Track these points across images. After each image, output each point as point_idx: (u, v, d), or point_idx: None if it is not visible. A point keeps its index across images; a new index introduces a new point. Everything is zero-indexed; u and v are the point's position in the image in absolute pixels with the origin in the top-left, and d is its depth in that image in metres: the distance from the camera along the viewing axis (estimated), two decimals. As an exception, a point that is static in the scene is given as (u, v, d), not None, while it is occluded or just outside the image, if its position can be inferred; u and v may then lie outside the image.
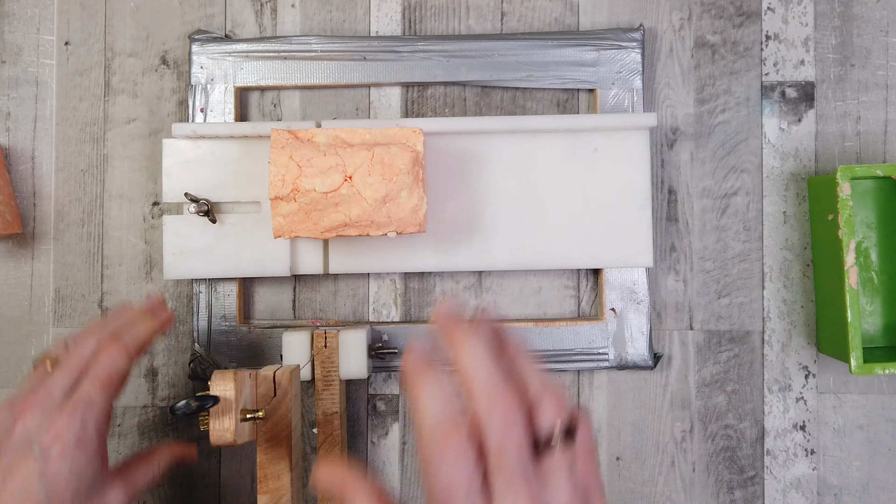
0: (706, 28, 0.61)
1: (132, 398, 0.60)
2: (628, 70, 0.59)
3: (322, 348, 0.54)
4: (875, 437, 0.60)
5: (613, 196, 0.58)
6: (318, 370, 0.54)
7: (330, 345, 0.54)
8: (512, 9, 0.61)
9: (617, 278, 0.59)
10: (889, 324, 0.59)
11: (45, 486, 0.41)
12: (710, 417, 0.60)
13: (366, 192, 0.51)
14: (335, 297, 0.61)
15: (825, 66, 0.61)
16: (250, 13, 0.61)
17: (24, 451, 0.42)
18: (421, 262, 0.58)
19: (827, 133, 0.61)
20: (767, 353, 0.60)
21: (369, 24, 0.61)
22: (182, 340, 0.61)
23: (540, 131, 0.58)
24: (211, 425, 0.44)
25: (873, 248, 0.59)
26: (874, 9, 0.61)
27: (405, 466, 0.60)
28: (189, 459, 0.53)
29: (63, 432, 0.42)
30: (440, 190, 0.58)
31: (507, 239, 0.58)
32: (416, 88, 0.61)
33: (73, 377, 0.45)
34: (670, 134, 0.61)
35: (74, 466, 0.42)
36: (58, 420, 0.42)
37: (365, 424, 0.61)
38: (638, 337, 0.59)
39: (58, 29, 0.61)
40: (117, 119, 0.61)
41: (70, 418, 0.43)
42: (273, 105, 0.61)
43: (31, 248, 0.61)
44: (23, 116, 0.61)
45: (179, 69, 0.61)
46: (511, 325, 0.59)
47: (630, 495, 0.60)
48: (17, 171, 0.61)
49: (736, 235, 0.61)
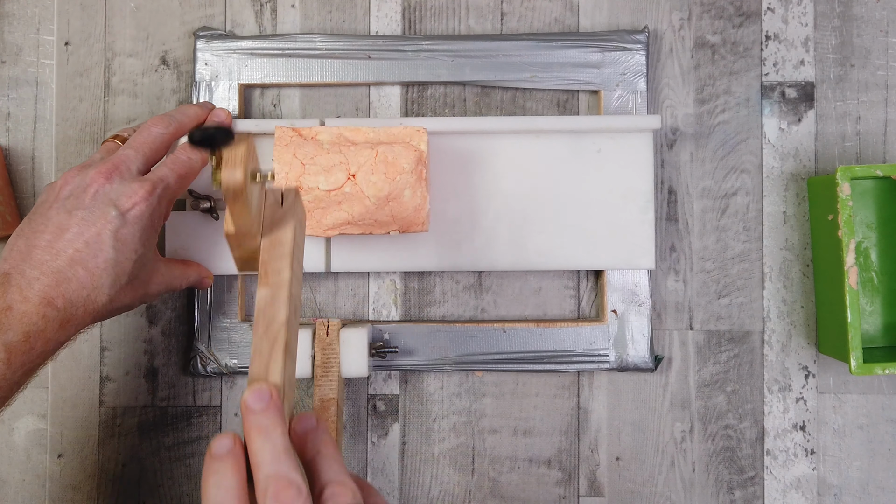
0: (706, 28, 0.61)
1: (132, 398, 0.60)
2: (632, 72, 0.59)
3: (323, 336, 0.54)
4: (875, 437, 0.60)
5: (616, 198, 0.58)
6: (318, 357, 0.54)
7: (331, 334, 0.55)
8: (512, 9, 0.61)
9: (618, 280, 0.59)
10: (889, 324, 0.59)
11: (117, 245, 0.45)
12: (710, 418, 0.60)
13: (369, 190, 0.51)
14: (335, 296, 0.61)
15: (825, 66, 0.61)
16: (250, 13, 0.61)
17: (102, 210, 0.45)
18: (422, 262, 0.58)
19: (827, 133, 0.61)
20: (767, 354, 0.60)
21: (369, 25, 0.61)
22: (182, 340, 0.60)
23: (543, 132, 0.58)
24: (224, 163, 0.41)
25: (873, 249, 0.59)
26: (874, 9, 0.61)
27: (405, 467, 0.60)
28: (206, 283, 0.56)
29: (140, 202, 0.46)
30: (442, 189, 0.58)
31: (509, 239, 0.58)
32: (417, 88, 0.61)
33: (144, 157, 0.48)
34: (670, 134, 0.61)
35: (143, 236, 0.46)
36: (138, 190, 0.46)
37: (365, 424, 0.61)
38: (639, 339, 0.59)
39: (58, 29, 0.61)
40: (117, 119, 0.61)
41: (149, 192, 0.46)
42: (273, 105, 0.61)
43: (30, 248, 0.61)
44: (23, 117, 0.61)
45: (179, 69, 0.61)
46: (511, 325, 0.59)
47: (630, 495, 0.60)
48: (17, 171, 0.61)
49: (736, 235, 0.61)
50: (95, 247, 0.44)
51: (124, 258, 0.45)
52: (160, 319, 0.61)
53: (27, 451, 0.60)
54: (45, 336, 0.43)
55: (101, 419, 0.60)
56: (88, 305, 0.45)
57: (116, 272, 0.45)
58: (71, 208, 0.45)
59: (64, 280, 0.43)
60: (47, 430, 0.60)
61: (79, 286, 0.44)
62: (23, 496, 0.60)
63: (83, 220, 0.45)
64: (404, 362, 0.59)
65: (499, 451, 0.61)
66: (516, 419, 0.61)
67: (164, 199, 0.48)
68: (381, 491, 0.60)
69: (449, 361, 0.59)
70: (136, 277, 0.47)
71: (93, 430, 0.60)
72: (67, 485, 0.60)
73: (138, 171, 0.48)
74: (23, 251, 0.44)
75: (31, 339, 0.42)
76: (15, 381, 0.42)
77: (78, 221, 0.45)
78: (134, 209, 0.46)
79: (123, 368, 0.60)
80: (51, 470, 0.60)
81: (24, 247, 0.44)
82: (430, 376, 0.61)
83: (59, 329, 0.44)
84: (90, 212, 0.45)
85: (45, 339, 0.43)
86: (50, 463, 0.60)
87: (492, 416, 0.61)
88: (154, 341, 0.60)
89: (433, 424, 0.61)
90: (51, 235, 0.44)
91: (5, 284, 0.43)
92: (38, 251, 0.44)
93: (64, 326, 0.44)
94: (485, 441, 0.61)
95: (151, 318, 0.61)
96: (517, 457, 0.61)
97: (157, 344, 0.61)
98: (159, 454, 0.60)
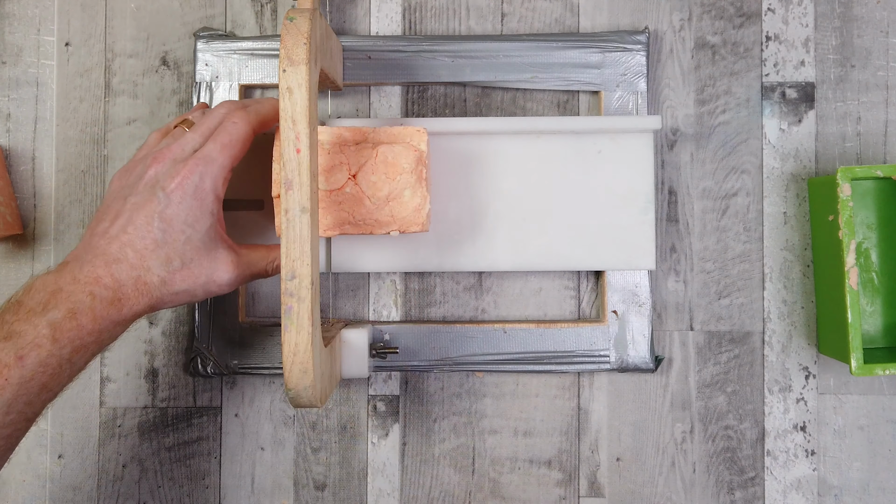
0: (706, 29, 0.61)
1: (132, 399, 0.60)
2: (633, 72, 0.59)
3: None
4: (875, 437, 0.60)
5: (616, 198, 0.58)
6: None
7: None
8: (512, 10, 0.61)
9: (619, 280, 0.59)
10: (889, 324, 0.59)
11: (162, 226, 0.46)
12: (711, 418, 0.60)
13: (369, 190, 0.51)
14: (335, 296, 0.61)
15: (825, 66, 0.61)
16: (251, 14, 0.61)
17: (150, 193, 0.46)
18: (423, 262, 0.58)
19: (827, 134, 0.61)
20: (768, 354, 0.60)
21: (369, 25, 0.61)
22: (182, 341, 0.60)
23: (544, 133, 0.58)
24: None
25: (873, 249, 0.59)
26: (874, 9, 0.61)
27: (405, 467, 0.60)
28: None
29: (183, 182, 0.46)
30: (443, 190, 0.58)
31: (509, 240, 0.58)
32: (417, 89, 0.61)
33: (203, 138, 0.49)
34: (670, 135, 0.61)
35: (189, 216, 0.47)
36: (181, 170, 0.47)
37: (365, 425, 0.61)
38: (639, 339, 0.59)
39: (58, 30, 0.61)
40: (118, 120, 0.61)
41: (190, 170, 0.47)
42: (273, 106, 0.61)
43: (31, 249, 0.61)
44: (23, 117, 0.61)
45: (180, 70, 0.61)
46: (512, 326, 0.59)
47: (630, 496, 0.60)
48: (18, 171, 0.61)
49: (736, 236, 0.61)
50: (144, 229, 0.46)
51: (172, 238, 0.46)
52: (160, 320, 0.61)
53: (27, 452, 0.60)
54: (93, 313, 0.43)
55: (102, 420, 0.60)
56: (140, 286, 0.45)
57: (167, 253, 0.46)
58: (126, 195, 0.47)
59: (113, 261, 0.45)
60: (47, 431, 0.60)
61: (128, 266, 0.45)
62: (23, 496, 0.60)
63: (134, 206, 0.46)
64: (405, 363, 0.59)
65: (499, 452, 0.61)
66: (516, 420, 0.61)
67: (207, 176, 0.47)
68: (382, 492, 0.60)
69: (449, 362, 0.59)
70: (192, 260, 0.47)
71: (93, 431, 0.60)
72: (68, 485, 0.60)
73: (192, 152, 0.49)
74: (85, 241, 0.47)
75: (78, 315, 0.43)
76: (66, 358, 0.43)
77: (130, 207, 0.46)
78: (177, 191, 0.46)
79: (124, 369, 0.60)
80: (51, 470, 0.60)
81: (88, 237, 0.47)
82: (431, 377, 0.61)
83: (109, 306, 0.44)
84: (141, 196, 0.47)
85: (93, 316, 0.43)
86: (50, 463, 0.60)
87: (492, 417, 0.61)
88: (154, 342, 0.60)
89: (433, 425, 0.61)
90: (107, 223, 0.47)
91: (61, 270, 0.45)
92: (96, 238, 0.46)
93: (115, 304, 0.44)
94: (485, 442, 0.61)
95: (152, 318, 0.61)
96: (517, 457, 0.61)
97: (158, 344, 0.60)
98: (159, 455, 0.60)
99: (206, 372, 0.59)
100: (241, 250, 0.50)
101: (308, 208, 0.43)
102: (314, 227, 0.44)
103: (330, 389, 0.50)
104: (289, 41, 0.44)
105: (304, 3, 0.53)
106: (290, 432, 0.61)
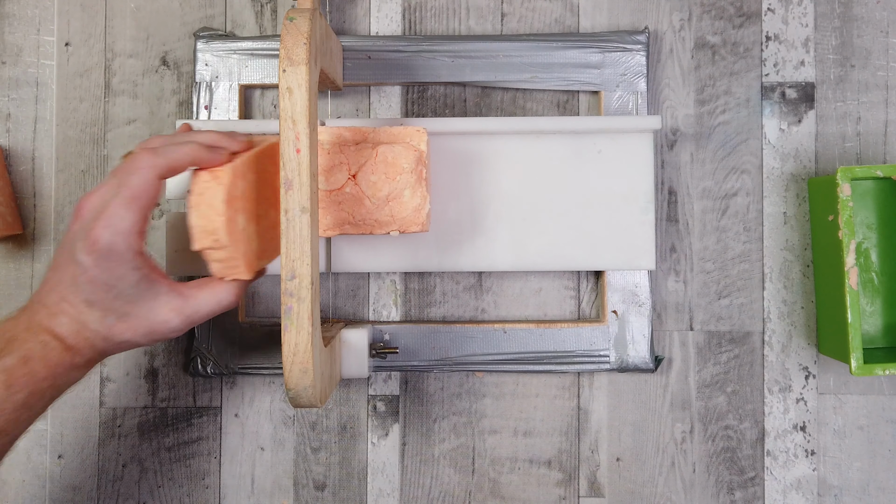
0: (706, 29, 0.61)
1: (132, 399, 0.60)
2: (633, 72, 0.59)
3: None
4: (875, 437, 0.60)
5: (616, 198, 0.58)
6: None
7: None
8: (512, 10, 0.61)
9: (619, 280, 0.59)
10: (889, 324, 0.59)
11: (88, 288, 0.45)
12: (711, 418, 0.60)
13: (369, 190, 0.51)
14: (335, 296, 0.61)
15: (825, 66, 0.61)
16: (250, 14, 0.61)
17: (70, 256, 0.45)
18: (423, 262, 0.58)
19: (827, 134, 0.61)
20: (767, 354, 0.60)
21: (369, 25, 0.61)
22: (182, 341, 0.60)
23: (544, 133, 0.58)
24: None
25: (873, 249, 0.59)
26: (874, 9, 0.61)
27: (405, 467, 0.60)
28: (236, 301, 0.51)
29: (94, 247, 0.44)
30: (443, 190, 0.58)
31: (509, 240, 0.58)
32: (417, 89, 0.61)
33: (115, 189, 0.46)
34: (670, 135, 0.61)
35: (111, 276, 0.45)
36: (90, 234, 0.44)
37: (365, 425, 0.61)
38: (639, 339, 0.59)
39: (58, 30, 0.61)
40: (117, 120, 0.61)
41: (98, 235, 0.44)
42: (273, 105, 0.61)
43: (31, 249, 0.61)
44: (23, 117, 0.61)
45: (180, 70, 0.61)
46: (511, 326, 0.59)
47: (630, 496, 0.60)
48: (18, 171, 0.61)
49: (736, 236, 0.61)
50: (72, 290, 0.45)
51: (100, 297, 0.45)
52: (160, 320, 0.61)
53: (27, 452, 0.60)
54: (45, 361, 0.44)
55: (102, 420, 0.60)
56: (82, 339, 0.45)
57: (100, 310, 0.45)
58: (66, 243, 0.46)
59: (56, 313, 0.45)
60: (47, 431, 0.60)
61: (69, 319, 0.45)
62: (23, 496, 0.60)
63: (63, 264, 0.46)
64: (404, 363, 0.59)
65: (499, 452, 0.61)
66: (516, 420, 0.61)
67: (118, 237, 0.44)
68: (382, 492, 0.60)
69: (449, 362, 0.59)
70: (128, 314, 0.46)
71: (93, 431, 0.60)
72: (67, 485, 0.60)
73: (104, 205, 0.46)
74: (43, 281, 0.47)
75: (30, 362, 0.43)
76: (20, 403, 0.43)
77: (63, 262, 0.46)
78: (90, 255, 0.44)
79: (123, 369, 0.60)
80: (51, 470, 0.60)
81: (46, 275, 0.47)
82: (431, 377, 0.61)
83: (61, 354, 0.45)
84: (65, 255, 0.46)
85: (46, 363, 0.44)
86: (50, 463, 0.60)
87: (492, 417, 0.61)
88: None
89: (433, 425, 0.61)
90: (52, 272, 0.46)
91: (19, 316, 0.45)
92: (45, 285, 0.46)
93: (67, 353, 0.45)
94: (485, 441, 0.61)
95: (152, 318, 0.61)
96: (517, 457, 0.61)
97: (158, 344, 0.60)
98: (159, 455, 0.60)
99: (205, 372, 0.59)
100: (189, 291, 0.47)
101: (308, 208, 0.43)
102: (314, 227, 0.44)
103: (330, 389, 0.50)
104: (289, 41, 0.44)
105: (304, 3, 0.53)
106: (289, 432, 0.61)
